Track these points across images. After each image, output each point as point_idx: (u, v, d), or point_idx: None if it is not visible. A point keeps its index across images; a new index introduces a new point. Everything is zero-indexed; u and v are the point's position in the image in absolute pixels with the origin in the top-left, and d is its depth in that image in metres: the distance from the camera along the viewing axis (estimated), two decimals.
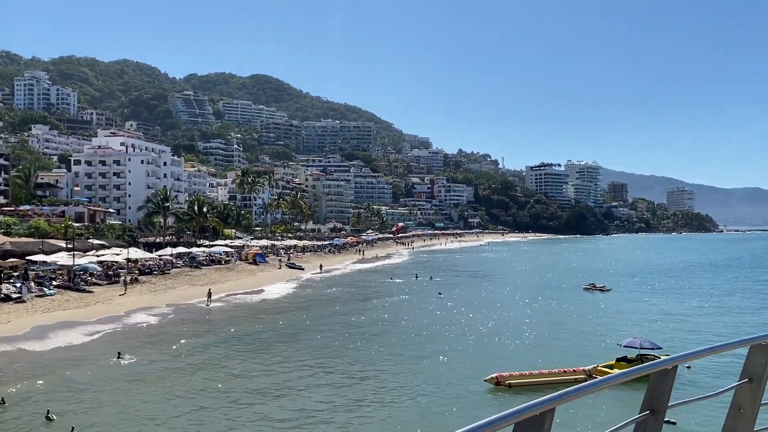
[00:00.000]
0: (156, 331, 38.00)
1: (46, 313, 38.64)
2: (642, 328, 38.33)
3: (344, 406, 23.51)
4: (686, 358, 3.38)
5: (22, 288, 41.37)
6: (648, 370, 3.25)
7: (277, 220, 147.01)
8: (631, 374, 3.39)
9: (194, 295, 51.21)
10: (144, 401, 23.49)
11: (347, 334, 37.71)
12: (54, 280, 47.37)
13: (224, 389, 25.16)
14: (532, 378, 26.43)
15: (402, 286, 66.93)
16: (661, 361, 3.30)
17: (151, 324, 39.84)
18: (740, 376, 3.58)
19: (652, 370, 3.23)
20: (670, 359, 3.28)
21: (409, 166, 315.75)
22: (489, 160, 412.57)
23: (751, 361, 3.49)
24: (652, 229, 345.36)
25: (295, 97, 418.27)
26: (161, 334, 36.83)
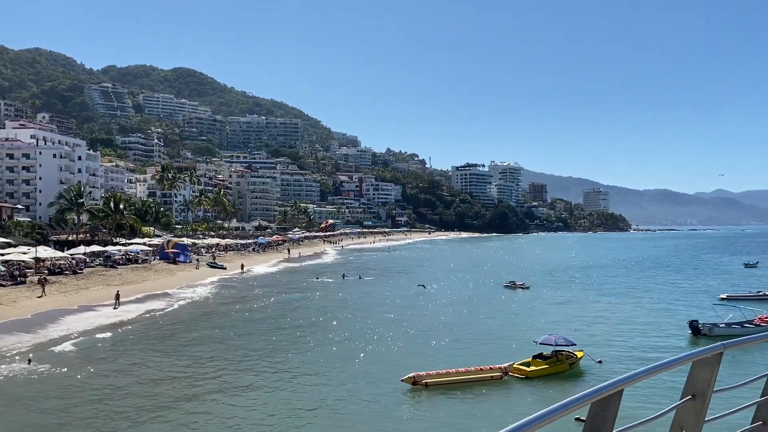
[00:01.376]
0: (66, 334, 35.95)
1: None
2: (558, 325, 39.51)
3: (257, 409, 22.95)
4: (629, 381, 3.01)
5: None
6: (589, 399, 2.85)
7: (198, 218, 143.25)
8: None
9: (108, 297, 48.83)
10: (44, 410, 22.09)
11: (265, 337, 36.97)
12: None
13: (132, 395, 24.04)
14: (448, 377, 26.50)
15: (329, 286, 66.43)
16: (603, 386, 2.91)
17: (59, 328, 37.66)
18: (682, 394, 3.46)
19: (594, 398, 2.87)
20: (613, 383, 2.95)
21: (338, 164, 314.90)
22: (417, 159, 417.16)
23: (694, 376, 3.41)
24: (570, 228, 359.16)
25: (220, 92, 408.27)
26: (72, 339, 34.87)
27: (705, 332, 36.51)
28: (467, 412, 23.22)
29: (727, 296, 54.77)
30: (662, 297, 58.06)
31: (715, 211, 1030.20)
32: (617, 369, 29.20)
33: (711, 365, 3.44)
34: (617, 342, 36.02)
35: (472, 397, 24.88)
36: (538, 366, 28.31)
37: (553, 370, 28.24)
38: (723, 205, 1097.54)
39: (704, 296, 57.43)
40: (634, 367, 17.65)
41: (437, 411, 23.33)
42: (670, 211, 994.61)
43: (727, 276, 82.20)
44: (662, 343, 35.49)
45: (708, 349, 3.45)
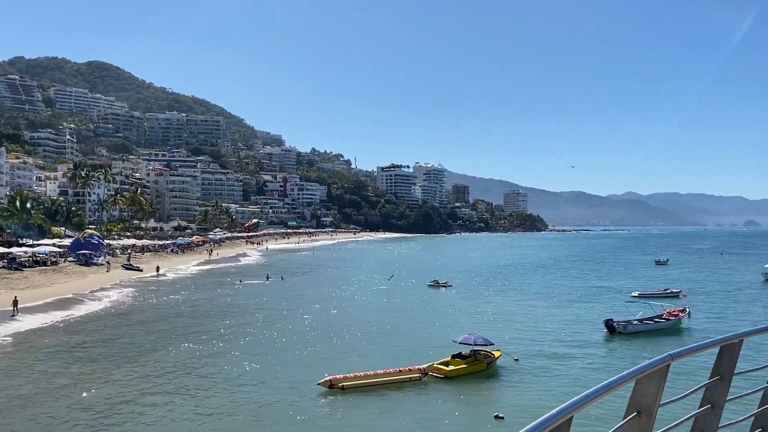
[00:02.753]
0: None
1: None
2: (479, 324, 40.12)
3: (171, 415, 21.95)
4: (577, 407, 2.88)
5: None
6: None
7: (114, 218, 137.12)
8: None
9: (6, 302, 45.62)
10: None
11: (180, 342, 35.45)
12: None
13: (31, 406, 22.35)
14: (366, 379, 26.19)
15: (250, 288, 64.88)
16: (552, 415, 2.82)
17: None
18: (626, 411, 3.46)
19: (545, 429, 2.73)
20: (561, 411, 2.85)
21: (261, 163, 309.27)
22: (342, 159, 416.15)
23: (638, 392, 3.41)
24: (491, 228, 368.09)
25: (138, 87, 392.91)
26: None
27: (620, 330, 37.92)
28: (384, 414, 22.97)
29: (638, 294, 57.44)
30: (579, 295, 60.15)
31: (625, 212, 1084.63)
32: (535, 368, 29.83)
33: (657, 379, 3.38)
34: (535, 340, 36.85)
35: (389, 399, 24.65)
36: (457, 366, 28.42)
37: (472, 370, 28.42)
38: (633, 206, 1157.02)
39: (618, 294, 60.04)
40: (551, 365, 17.88)
41: (353, 414, 23.01)
42: (585, 212, 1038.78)
43: (639, 274, 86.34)
44: (579, 342, 36.57)
45: (653, 363, 3.35)
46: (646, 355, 32.56)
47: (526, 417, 22.53)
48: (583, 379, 27.37)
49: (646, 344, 35.33)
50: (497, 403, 24.34)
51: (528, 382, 27.46)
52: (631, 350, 34.11)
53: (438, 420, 22.21)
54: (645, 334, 38.02)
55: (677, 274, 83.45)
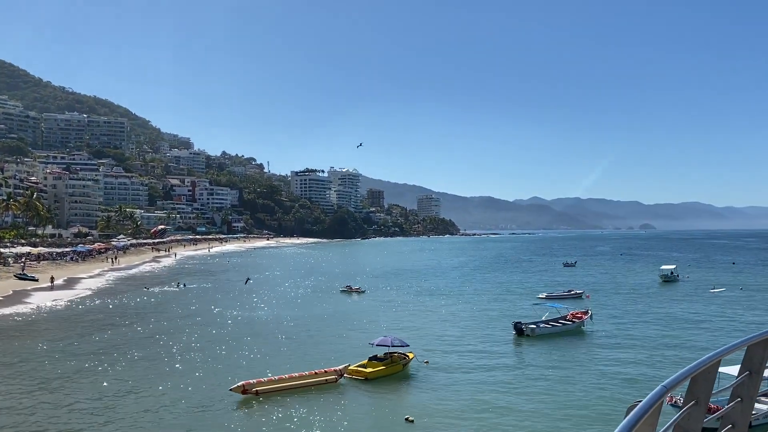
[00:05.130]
0: None
1: None
2: (391, 328, 40.18)
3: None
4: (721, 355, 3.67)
5: None
6: None
7: (7, 224, 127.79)
8: None
9: None
10: None
11: (83, 354, 33.35)
12: None
13: None
14: (281, 383, 25.81)
15: (157, 296, 62.18)
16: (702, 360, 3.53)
17: None
18: (740, 371, 4.21)
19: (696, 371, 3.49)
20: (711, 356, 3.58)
21: (168, 166, 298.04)
22: (254, 163, 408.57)
23: (749, 356, 4.20)
24: (406, 233, 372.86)
25: (34, 86, 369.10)
26: None
27: (528, 333, 38.98)
28: (302, 417, 22.68)
29: (545, 296, 59.51)
30: (489, 298, 61.63)
31: (531, 216, 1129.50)
32: (445, 370, 30.14)
33: (764, 346, 4.20)
34: (446, 343, 37.32)
35: (307, 403, 24.37)
36: (375, 367, 28.71)
37: (389, 371, 28.78)
38: (538, 210, 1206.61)
39: (528, 295, 61.98)
40: (461, 368, 17.85)
41: (270, 419, 22.52)
42: (493, 216, 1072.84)
43: (548, 276, 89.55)
44: (489, 344, 37.33)
45: (763, 333, 4.23)
46: (553, 356, 33.65)
47: (435, 418, 22.66)
48: (492, 381, 27.89)
49: (551, 345, 36.51)
50: (408, 405, 24.49)
51: (438, 384, 27.73)
52: (538, 351, 35.12)
53: (352, 423, 22.15)
54: (551, 336, 39.30)
55: (584, 276, 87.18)
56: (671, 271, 79.54)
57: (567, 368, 30.41)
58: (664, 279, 77.38)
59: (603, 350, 35.11)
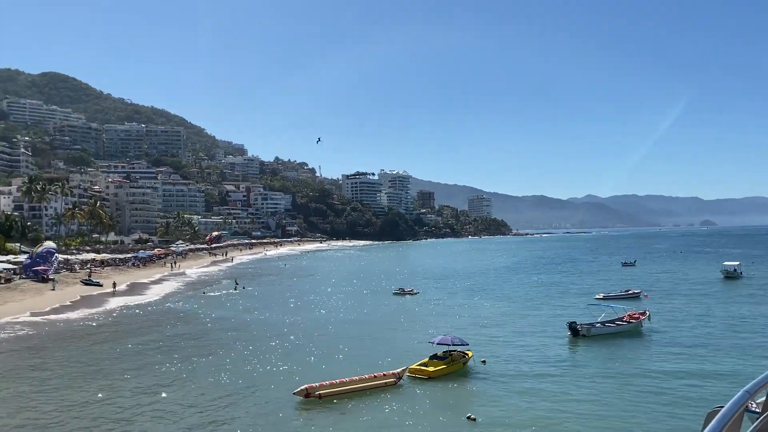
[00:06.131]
0: None
1: None
2: (447, 329, 40.13)
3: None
4: None
5: None
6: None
7: (72, 232, 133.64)
8: None
9: None
10: None
11: (149, 357, 34.66)
12: None
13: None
14: (342, 386, 26.24)
15: (216, 300, 63.92)
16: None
17: None
18: None
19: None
20: None
21: (223, 173, 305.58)
22: (306, 168, 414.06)
23: None
24: (457, 233, 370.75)
25: (95, 99, 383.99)
26: None
27: (584, 333, 38.35)
28: (365, 419, 23.02)
29: (602, 296, 58.30)
30: (543, 298, 60.83)
31: (586, 214, 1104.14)
32: (502, 369, 30.04)
33: None
34: (501, 343, 37.17)
35: (368, 404, 24.72)
36: (437, 366, 29.11)
37: (451, 369, 29.23)
38: (593, 208, 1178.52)
39: (583, 296, 60.83)
40: (517, 367, 17.85)
41: (331, 422, 22.88)
42: (547, 215, 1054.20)
43: (606, 276, 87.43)
44: (543, 344, 36.94)
45: None
46: (609, 357, 33.08)
47: (496, 417, 22.66)
48: (548, 381, 27.66)
49: (607, 347, 35.84)
50: (469, 404, 24.64)
51: (496, 383, 27.83)
52: (593, 352, 34.56)
53: (415, 422, 22.40)
54: (607, 337, 38.57)
55: (642, 275, 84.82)
56: (734, 268, 76.61)
57: (624, 370, 29.81)
58: (727, 275, 74.64)
59: (662, 352, 34.24)
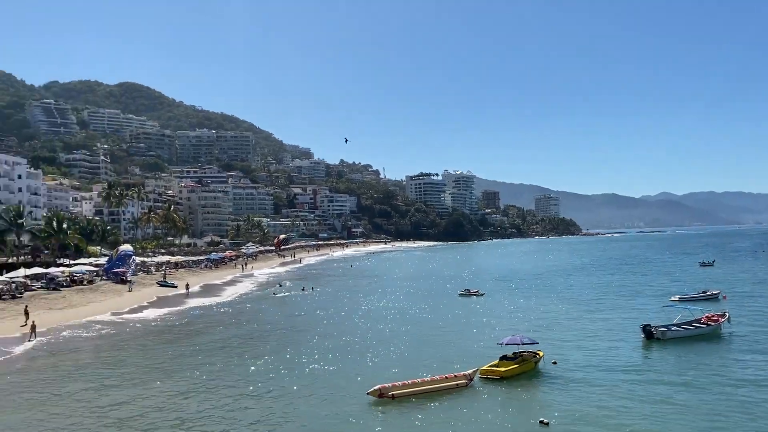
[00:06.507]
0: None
1: None
2: (513, 330, 39.39)
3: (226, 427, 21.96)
4: None
5: None
6: None
7: (148, 236, 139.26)
8: None
9: (48, 322, 46.63)
10: None
11: (225, 356, 35.57)
12: None
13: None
14: (415, 387, 26.23)
15: (286, 300, 65.22)
16: None
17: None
18: None
19: None
20: None
21: (291, 176, 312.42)
22: (370, 170, 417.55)
23: None
24: (523, 234, 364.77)
25: (168, 106, 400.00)
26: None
27: (658, 336, 36.79)
28: (437, 421, 22.83)
29: (678, 298, 55.86)
30: (615, 300, 58.84)
31: (660, 213, 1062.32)
32: (573, 373, 29.20)
33: None
34: (572, 345, 36.15)
35: (440, 405, 24.58)
36: (509, 366, 28.86)
37: (523, 369, 28.97)
38: (668, 207, 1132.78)
39: (658, 297, 58.49)
40: (589, 370, 17.24)
41: (407, 423, 22.84)
42: (618, 214, 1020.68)
43: (680, 276, 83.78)
44: (616, 346, 35.70)
45: None
46: (685, 361, 31.63)
47: (569, 422, 22.08)
48: (621, 386, 26.69)
49: (684, 351, 34.20)
50: (541, 407, 24.15)
51: (568, 386, 27.14)
52: (670, 356, 33.12)
53: (487, 425, 22.19)
54: (683, 340, 36.86)
55: (721, 276, 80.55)
56: None
57: (703, 377, 28.23)
58: None
59: (744, 358, 32.28)
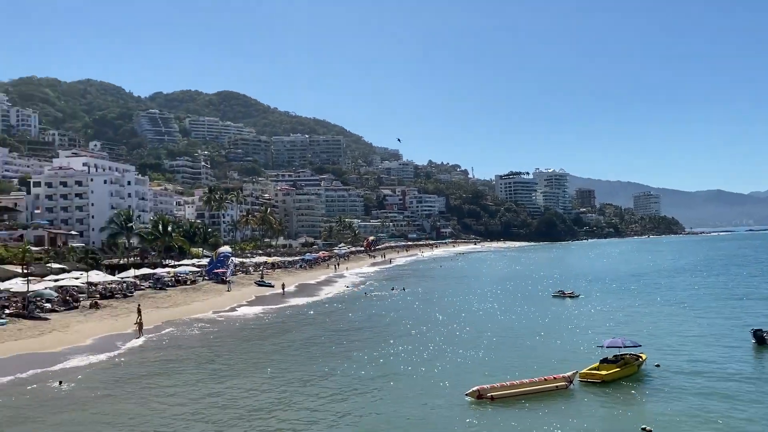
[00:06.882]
0: (107, 357, 36.38)
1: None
2: (612, 332, 37.89)
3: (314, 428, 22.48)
4: None
5: None
6: None
7: (246, 237, 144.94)
8: None
9: (156, 319, 49.52)
10: None
11: (320, 356, 36.24)
12: (6, 309, 45.11)
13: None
14: (513, 389, 25.79)
15: (377, 300, 65.95)
16: None
17: (109, 352, 38.13)
18: None
19: None
20: None
21: (380, 178, 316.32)
22: (459, 170, 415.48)
23: None
24: (621, 233, 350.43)
25: (263, 113, 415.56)
26: (115, 362, 35.26)
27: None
28: (537, 425, 22.31)
29: None
30: (721, 302, 55.34)
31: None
32: (677, 379, 27.72)
33: None
34: (676, 350, 34.31)
35: (539, 408, 24.06)
36: (610, 370, 27.85)
37: (625, 373, 27.89)
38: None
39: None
40: (695, 376, 16.22)
41: (506, 425, 22.54)
42: (725, 211, 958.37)
43: None
44: (724, 352, 33.57)
45: None
46: None
47: (673, 431, 21.01)
48: (734, 392, 25.04)
49: None
50: (643, 413, 23.13)
51: (672, 392, 25.78)
52: None
53: (587, 431, 21.56)
54: None
55: None
56: None
57: None
58: None
59: None
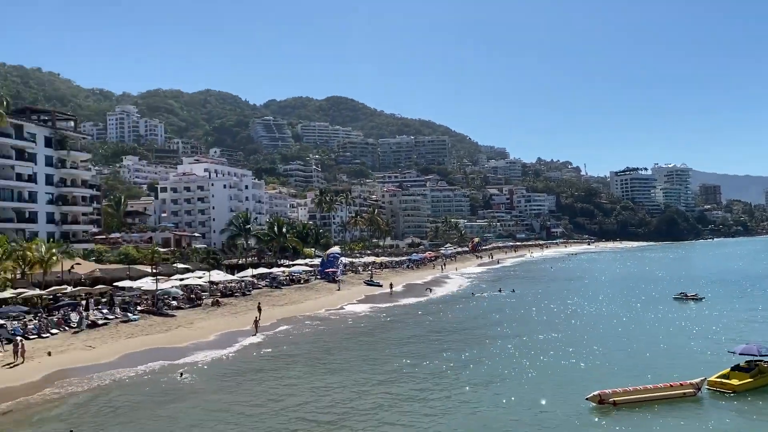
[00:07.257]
0: (226, 352, 38.31)
1: (130, 338, 39.77)
2: (744, 337, 35.10)
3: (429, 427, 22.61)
4: None
5: (77, 316, 41.85)
6: None
7: (355, 238, 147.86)
8: None
9: (271, 317, 51.62)
10: None
11: (433, 355, 36.21)
12: (139, 305, 48.89)
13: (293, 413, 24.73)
14: (637, 394, 24.62)
15: (486, 301, 65.18)
16: None
17: (229, 347, 40.20)
18: None
19: None
20: None
21: (486, 177, 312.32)
22: (570, 167, 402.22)
23: None
24: (751, 231, 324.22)
25: (370, 116, 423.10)
26: (232, 358, 37.06)
27: None
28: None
29: None
30: None
31: None
32: None
33: None
34: None
35: (665, 417, 22.96)
36: (742, 379, 25.80)
37: (759, 383, 25.79)
38: None
39: None
40: None
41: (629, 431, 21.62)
42: None
43: None
44: None
45: None
46: None
47: None
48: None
49: None
50: None
51: None
52: None
53: None
54: None
55: None
56: None
57: None
58: None
59: None
